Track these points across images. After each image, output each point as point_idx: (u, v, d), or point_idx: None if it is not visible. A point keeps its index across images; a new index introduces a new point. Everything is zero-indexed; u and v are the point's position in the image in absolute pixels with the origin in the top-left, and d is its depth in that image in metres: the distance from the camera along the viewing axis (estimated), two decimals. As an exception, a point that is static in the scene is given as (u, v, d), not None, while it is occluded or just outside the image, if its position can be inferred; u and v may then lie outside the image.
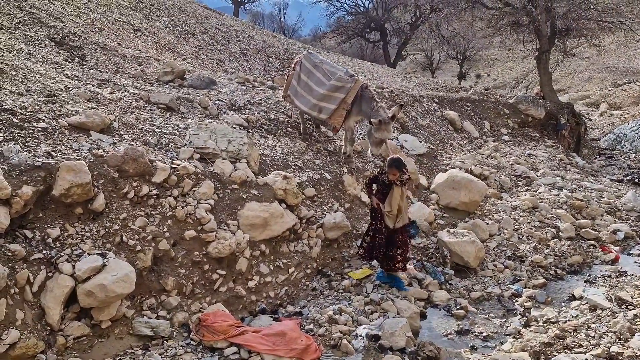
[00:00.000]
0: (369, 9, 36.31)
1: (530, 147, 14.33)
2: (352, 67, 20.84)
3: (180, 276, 5.81)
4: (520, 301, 6.79)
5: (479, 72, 41.85)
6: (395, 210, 6.63)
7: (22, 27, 10.08)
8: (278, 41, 22.09)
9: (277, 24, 46.36)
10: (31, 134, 5.88)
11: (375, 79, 18.33)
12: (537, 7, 16.22)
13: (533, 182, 11.09)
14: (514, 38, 19.42)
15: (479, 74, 41.65)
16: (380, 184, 6.79)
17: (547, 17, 16.61)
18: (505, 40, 20.10)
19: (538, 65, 18.08)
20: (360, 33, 35.71)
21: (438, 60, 40.32)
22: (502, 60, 41.39)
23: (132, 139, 6.74)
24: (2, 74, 7.04)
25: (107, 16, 14.11)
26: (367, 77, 18.86)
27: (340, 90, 8.19)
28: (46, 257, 5.01)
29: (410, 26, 34.04)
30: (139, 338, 5.18)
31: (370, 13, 35.79)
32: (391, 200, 6.62)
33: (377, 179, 6.85)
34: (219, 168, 6.86)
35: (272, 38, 22.54)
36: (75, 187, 5.34)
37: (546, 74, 17.68)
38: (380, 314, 6.10)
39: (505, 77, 38.93)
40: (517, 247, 8.26)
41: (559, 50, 19.07)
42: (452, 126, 13.65)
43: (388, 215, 6.68)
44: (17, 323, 4.53)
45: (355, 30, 35.79)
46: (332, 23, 39.67)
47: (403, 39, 34.87)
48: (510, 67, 39.97)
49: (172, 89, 9.62)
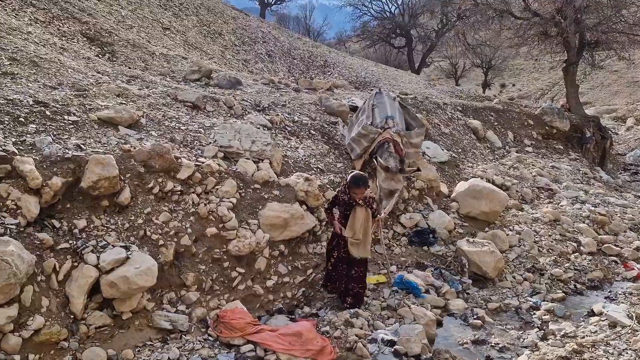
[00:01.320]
0: (395, 14, 36.29)
1: (554, 159, 14.17)
2: (376, 72, 20.88)
3: (200, 272, 5.90)
4: (539, 314, 6.73)
5: (503, 81, 41.45)
6: (359, 234, 5.83)
7: (56, 22, 10.34)
8: (303, 44, 22.23)
9: (303, 27, 46.57)
10: (62, 127, 6.03)
11: (399, 85, 18.32)
12: (566, 18, 16.05)
13: (555, 194, 10.97)
14: (541, 49, 19.20)
15: (504, 84, 41.25)
16: (342, 205, 5.98)
17: (576, 28, 16.43)
18: (532, 50, 19.90)
19: (565, 77, 17.88)
20: (385, 38, 35.72)
21: (463, 68, 40.03)
22: (528, 71, 40.94)
23: (158, 135, 6.86)
24: (36, 67, 7.24)
25: (138, 14, 14.37)
26: (391, 83, 18.88)
27: (365, 138, 8.23)
28: (72, 247, 5.13)
29: (436, 33, 33.96)
30: (158, 331, 5.27)
31: (396, 19, 35.79)
32: (354, 223, 5.81)
33: (337, 199, 6.05)
34: (242, 167, 6.95)
35: (298, 40, 22.69)
36: (103, 180, 5.46)
37: (573, 86, 17.47)
38: (397, 320, 6.11)
39: (530, 87, 38.51)
40: (537, 259, 8.19)
41: (586, 63, 18.84)
42: (475, 135, 13.58)
43: (352, 242, 5.87)
44: (42, 310, 4.65)
45: (380, 35, 35.82)
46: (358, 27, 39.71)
47: (428, 45, 34.77)
48: (536, 78, 39.52)
49: (198, 87, 9.77)
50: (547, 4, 17.14)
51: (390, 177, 7.31)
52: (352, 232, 5.81)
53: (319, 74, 19.07)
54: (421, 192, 9.10)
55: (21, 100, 6.07)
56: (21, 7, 10.19)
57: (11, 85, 6.48)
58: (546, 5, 17.22)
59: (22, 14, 9.93)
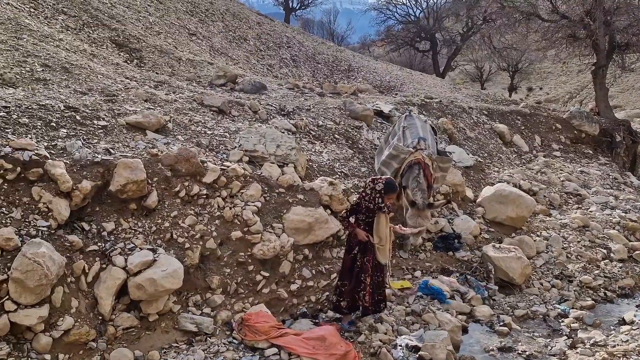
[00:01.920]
0: (420, 18, 36.11)
1: (583, 164, 13.89)
2: (400, 76, 20.80)
3: (225, 275, 5.95)
4: (567, 322, 6.60)
5: (530, 85, 40.87)
6: (385, 241, 5.75)
7: (86, 29, 10.58)
8: (327, 48, 22.29)
9: (327, 31, 46.70)
10: (92, 131, 6.17)
11: (424, 89, 18.22)
12: (595, 20, 15.75)
13: (584, 200, 10.75)
14: (569, 51, 18.87)
15: (531, 87, 40.67)
16: (364, 212, 5.81)
17: (605, 31, 16.11)
18: (560, 53, 19.55)
19: (594, 80, 17.53)
20: (410, 42, 35.55)
21: (488, 72, 39.61)
22: (555, 74, 40.30)
23: (185, 140, 6.96)
24: (67, 73, 7.42)
25: (165, 20, 14.61)
26: (416, 87, 18.79)
27: (395, 160, 7.71)
28: (101, 249, 5.24)
29: (461, 36, 33.67)
30: (184, 333, 5.33)
31: (420, 22, 35.60)
32: (379, 228, 5.72)
33: (359, 207, 5.84)
34: (267, 171, 6.99)
35: (322, 45, 22.76)
36: (131, 184, 5.56)
37: (602, 89, 17.11)
38: (421, 325, 6.06)
39: (558, 91, 37.88)
40: (566, 266, 8.04)
41: (616, 65, 18.42)
42: (501, 139, 13.41)
43: (379, 248, 5.75)
44: (72, 311, 4.75)
45: (405, 39, 35.66)
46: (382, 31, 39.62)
47: (453, 49, 34.50)
48: (564, 81, 38.87)
49: (224, 92, 9.87)
50: (576, 6, 16.86)
51: (417, 214, 6.80)
52: (379, 238, 5.71)
53: (343, 78, 19.08)
54: (446, 197, 9.02)
55: (53, 105, 6.23)
56: (53, 14, 10.46)
57: (43, 91, 6.65)
58: (575, 8, 16.94)
59: (54, 21, 10.19)
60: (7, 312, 4.38)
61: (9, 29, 8.18)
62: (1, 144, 5.09)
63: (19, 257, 4.44)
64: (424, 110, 12.31)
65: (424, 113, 12.13)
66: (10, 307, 4.38)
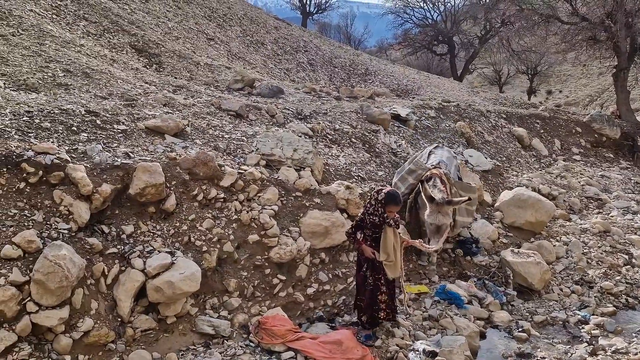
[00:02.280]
0: (437, 21, 35.96)
1: (604, 168, 13.69)
2: (418, 80, 20.73)
3: (242, 278, 5.97)
4: (587, 328, 6.50)
5: (550, 88, 40.37)
6: (393, 256, 5.54)
7: (106, 35, 10.75)
8: (344, 52, 22.31)
9: (344, 35, 46.74)
10: (112, 135, 6.26)
11: (442, 92, 18.13)
12: (616, 22, 15.54)
13: (605, 204, 10.58)
14: (589, 54, 18.64)
15: (550, 90, 40.18)
16: (369, 227, 5.56)
17: (627, 33, 15.87)
18: (580, 56, 19.32)
19: (615, 83, 17.27)
20: (427, 45, 35.42)
21: (507, 75, 39.23)
22: (575, 77, 39.76)
23: (203, 144, 7.02)
24: (88, 78, 7.54)
25: (183, 25, 14.77)
26: (433, 91, 18.71)
27: (412, 175, 7.66)
28: (120, 252, 5.30)
29: (479, 39, 33.44)
30: (201, 336, 5.37)
31: (438, 25, 35.45)
32: (386, 244, 5.48)
33: (364, 222, 5.59)
34: (283, 175, 7.02)
35: (339, 49, 22.79)
36: (150, 187, 5.63)
37: (624, 92, 16.85)
38: (439, 330, 6.02)
39: (578, 94, 37.36)
40: (586, 271, 7.91)
41: (638, 68, 18.14)
42: (519, 143, 13.27)
43: (387, 264, 5.56)
44: (92, 312, 4.82)
45: (422, 42, 35.54)
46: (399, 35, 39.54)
47: (471, 52, 34.28)
48: (584, 84, 38.32)
49: (241, 96, 9.94)
50: (596, 8, 16.64)
51: (436, 210, 6.46)
52: (386, 254, 5.48)
53: (360, 82, 19.08)
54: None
55: (74, 110, 6.33)
56: (74, 20, 10.65)
57: (65, 95, 6.77)
58: (595, 10, 16.72)
59: (75, 27, 10.38)
60: (29, 313, 4.46)
61: (32, 35, 8.35)
62: (24, 147, 5.19)
63: (41, 259, 4.53)
64: (441, 113, 12.24)
65: (441, 116, 12.08)
66: (32, 308, 4.46)
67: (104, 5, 11.97)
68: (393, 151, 9.54)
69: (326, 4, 39.52)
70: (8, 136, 5.34)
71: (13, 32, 8.17)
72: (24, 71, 7.06)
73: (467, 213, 7.75)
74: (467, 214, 7.78)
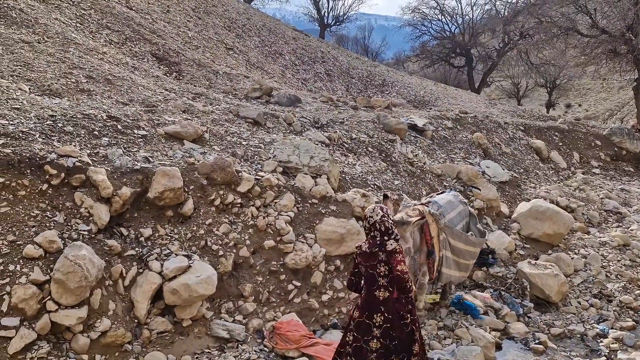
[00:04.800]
0: (455, 33, 35.95)
1: (624, 181, 13.50)
2: (435, 91, 20.73)
3: (258, 284, 6.00)
4: (606, 342, 6.38)
5: (569, 101, 40.04)
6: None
7: (128, 43, 10.95)
8: (362, 63, 22.41)
9: (361, 47, 46.92)
10: (132, 140, 6.37)
11: (459, 104, 18.10)
12: (637, 35, 15.42)
13: (625, 218, 10.43)
14: (609, 67, 18.51)
15: (569, 104, 39.84)
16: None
17: (648, 45, 15.74)
18: (600, 69, 19.21)
19: (636, 96, 17.11)
20: (445, 58, 35.39)
21: (525, 88, 39.03)
22: (595, 90, 39.39)
23: (221, 150, 7.10)
24: (110, 85, 7.70)
25: (203, 35, 14.99)
26: (450, 102, 18.69)
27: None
28: (138, 254, 5.37)
29: (497, 52, 33.34)
30: (216, 339, 5.39)
31: (456, 38, 35.43)
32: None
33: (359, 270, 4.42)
34: (300, 182, 7.06)
35: (356, 60, 22.90)
36: (168, 191, 5.70)
37: (645, 105, 16.68)
38: (453, 340, 5.97)
39: (598, 107, 36.99)
40: (605, 285, 7.79)
41: (659, 82, 17.92)
42: (537, 155, 13.17)
43: None
44: (109, 313, 4.88)
45: (440, 55, 35.53)
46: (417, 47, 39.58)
47: (489, 65, 34.17)
48: (604, 98, 37.94)
49: (259, 104, 10.04)
50: (617, 20, 16.54)
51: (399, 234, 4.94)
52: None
53: (377, 92, 19.14)
54: (480, 212, 8.90)
55: (96, 115, 6.46)
56: (98, 29, 10.88)
57: (87, 101, 6.92)
58: (615, 22, 16.62)
59: (98, 36, 10.60)
60: (49, 312, 4.53)
61: (57, 42, 8.56)
62: (47, 150, 5.31)
63: (61, 258, 4.61)
64: (458, 124, 12.22)
65: (458, 127, 12.05)
66: (52, 307, 4.54)
67: (126, 15, 12.22)
68: (409, 161, 9.53)
69: (344, 16, 39.79)
70: (32, 139, 5.47)
71: (38, 40, 8.39)
72: (49, 77, 7.23)
73: (456, 266, 6.53)
74: (456, 268, 6.53)
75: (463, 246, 6.61)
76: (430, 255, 6.10)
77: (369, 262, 4.25)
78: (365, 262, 4.29)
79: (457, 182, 9.35)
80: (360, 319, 4.32)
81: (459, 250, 6.55)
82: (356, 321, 4.35)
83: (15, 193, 4.94)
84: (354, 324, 4.37)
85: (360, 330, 4.29)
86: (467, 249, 6.71)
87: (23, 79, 7.02)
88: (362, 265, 4.35)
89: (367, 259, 4.27)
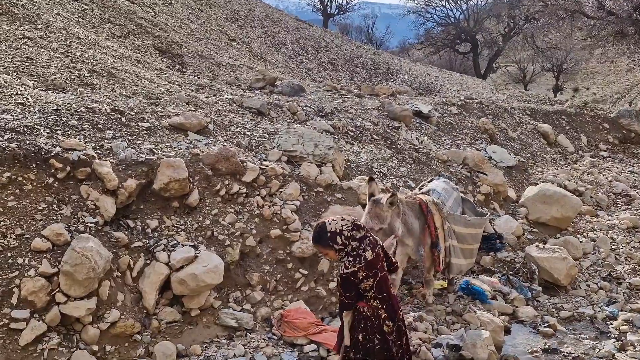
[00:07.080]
0: (460, 20, 35.67)
1: (632, 164, 13.36)
2: (440, 78, 20.59)
3: (265, 272, 6.02)
4: (616, 324, 6.35)
5: (576, 85, 39.66)
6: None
7: (131, 37, 10.95)
8: (366, 51, 22.29)
9: (365, 36, 46.65)
10: (136, 133, 6.38)
11: (465, 90, 17.98)
12: (644, 15, 15.22)
13: (634, 201, 10.34)
14: (617, 49, 18.31)
15: (577, 88, 39.46)
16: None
17: (655, 26, 15.54)
18: (607, 51, 19.00)
19: (644, 78, 16.90)
20: (450, 44, 35.16)
21: (532, 73, 38.68)
22: (602, 73, 38.98)
23: (225, 140, 7.10)
24: (113, 78, 7.70)
25: (206, 27, 14.96)
26: (456, 88, 18.57)
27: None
28: (145, 245, 5.40)
29: (502, 37, 33.07)
30: (224, 328, 5.42)
31: (460, 24, 35.16)
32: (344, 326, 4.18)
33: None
34: (305, 171, 7.05)
35: (360, 49, 22.78)
36: (174, 182, 5.71)
37: (653, 87, 16.49)
38: (462, 325, 5.96)
39: (606, 91, 36.61)
40: (614, 267, 7.75)
41: (668, 62, 17.74)
42: (545, 139, 13.07)
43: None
44: (118, 304, 4.91)
45: (445, 41, 35.29)
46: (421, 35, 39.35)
47: (495, 50, 33.91)
48: (612, 81, 37.55)
49: (263, 95, 10.02)
50: (623, 1, 16.33)
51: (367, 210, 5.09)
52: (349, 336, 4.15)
53: (381, 80, 19.05)
54: (487, 197, 8.87)
55: (100, 108, 6.48)
56: (100, 23, 10.88)
57: (91, 94, 6.93)
58: (622, 3, 16.40)
59: (100, 30, 10.60)
60: (58, 304, 4.57)
61: (59, 37, 8.57)
62: (52, 144, 5.33)
63: (69, 251, 4.64)
64: (464, 110, 12.14)
65: (463, 113, 11.98)
66: (61, 299, 4.57)
67: (128, 8, 12.20)
68: (415, 147, 9.49)
69: (347, 5, 39.57)
70: (37, 133, 5.49)
71: (41, 35, 8.40)
72: (52, 72, 7.25)
73: (463, 254, 6.45)
74: (463, 255, 6.46)
75: (464, 230, 6.48)
76: (435, 247, 5.97)
77: (378, 265, 3.96)
78: (374, 269, 3.92)
79: (464, 168, 9.31)
80: (395, 325, 4.13)
81: (463, 236, 6.44)
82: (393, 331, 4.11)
83: (21, 187, 4.97)
84: (393, 337, 4.09)
85: (401, 335, 4.20)
86: (469, 231, 6.55)
87: (27, 74, 7.04)
88: (370, 277, 3.89)
89: (375, 265, 3.92)
